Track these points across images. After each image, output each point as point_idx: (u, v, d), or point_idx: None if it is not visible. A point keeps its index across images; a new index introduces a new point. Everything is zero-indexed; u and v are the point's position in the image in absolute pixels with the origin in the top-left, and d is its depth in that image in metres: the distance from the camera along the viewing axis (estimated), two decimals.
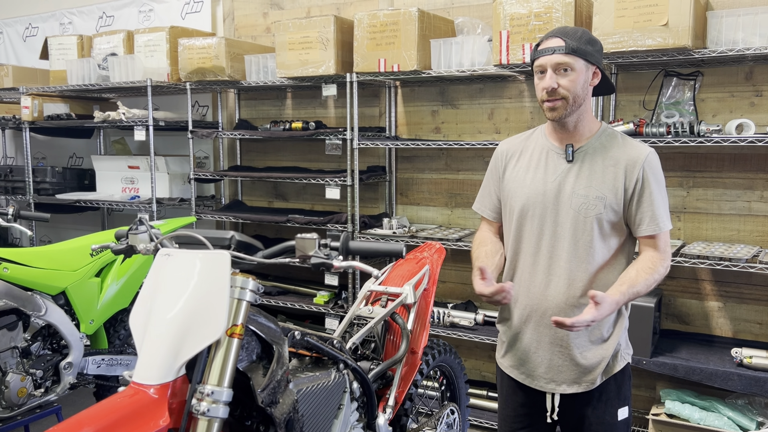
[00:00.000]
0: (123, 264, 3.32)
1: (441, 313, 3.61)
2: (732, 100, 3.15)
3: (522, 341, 2.07)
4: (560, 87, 1.89)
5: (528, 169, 2.04)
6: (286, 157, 4.49)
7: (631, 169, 1.91)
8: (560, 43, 1.88)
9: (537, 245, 2.00)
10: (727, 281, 3.20)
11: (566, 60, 1.87)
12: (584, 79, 1.91)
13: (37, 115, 4.79)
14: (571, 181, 1.95)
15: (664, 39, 2.77)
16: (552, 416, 2.05)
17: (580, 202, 1.93)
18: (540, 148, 2.04)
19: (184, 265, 1.64)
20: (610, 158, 1.94)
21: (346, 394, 2.07)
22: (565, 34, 1.90)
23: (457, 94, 3.84)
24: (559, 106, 1.91)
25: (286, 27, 3.77)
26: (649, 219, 1.91)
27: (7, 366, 2.87)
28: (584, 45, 1.89)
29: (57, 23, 5.56)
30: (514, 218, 2.04)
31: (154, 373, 1.53)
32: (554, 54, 1.88)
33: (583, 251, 1.94)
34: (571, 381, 2.00)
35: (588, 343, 1.98)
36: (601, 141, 1.98)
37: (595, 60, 1.92)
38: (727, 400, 3.02)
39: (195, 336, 1.56)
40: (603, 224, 1.92)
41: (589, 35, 1.93)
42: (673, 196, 3.26)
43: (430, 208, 4.00)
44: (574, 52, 1.87)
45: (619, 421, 2.00)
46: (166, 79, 4.29)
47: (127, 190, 4.70)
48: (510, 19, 3.10)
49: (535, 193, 1.99)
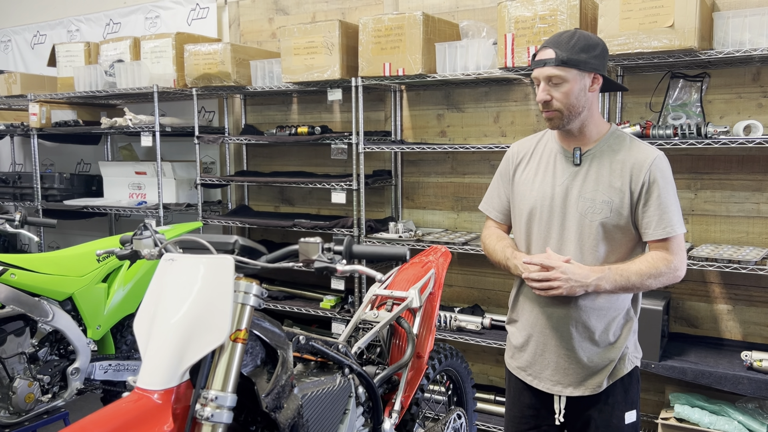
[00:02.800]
0: (130, 269, 3.33)
1: (448, 317, 3.60)
2: (739, 102, 3.12)
3: (529, 343, 2.06)
4: (554, 99, 1.89)
5: (537, 172, 2.03)
6: (292, 161, 4.49)
7: (638, 172, 1.89)
8: (551, 55, 1.87)
9: (544, 248, 1.99)
10: (736, 284, 3.17)
11: (556, 72, 1.86)
12: (579, 88, 1.88)
13: (45, 122, 4.82)
14: (578, 185, 1.94)
15: (670, 40, 2.75)
16: (559, 418, 2.04)
17: (587, 205, 1.92)
18: (549, 150, 2.04)
19: (187, 270, 1.64)
20: (617, 161, 1.93)
21: (352, 398, 2.06)
22: (558, 45, 1.87)
23: (462, 97, 3.83)
24: (554, 117, 1.92)
25: (291, 32, 3.78)
26: (656, 223, 1.88)
27: (15, 372, 2.88)
28: (577, 54, 1.86)
29: (64, 30, 5.60)
30: (523, 221, 2.04)
31: (158, 378, 1.53)
32: (545, 67, 1.88)
33: (589, 255, 1.92)
34: (578, 384, 1.99)
35: (594, 347, 1.97)
36: (609, 144, 1.96)
37: (592, 67, 1.88)
38: (738, 404, 2.99)
39: (199, 341, 1.55)
40: (609, 228, 1.91)
41: (585, 41, 1.88)
42: (681, 198, 3.23)
43: (436, 211, 3.99)
44: (564, 64, 1.85)
45: (627, 424, 1.99)
46: (173, 85, 4.31)
47: (135, 195, 4.71)
48: (515, 22, 3.09)
49: (542, 196, 1.99)
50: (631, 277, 1.86)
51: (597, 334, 1.96)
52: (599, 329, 1.96)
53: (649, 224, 1.89)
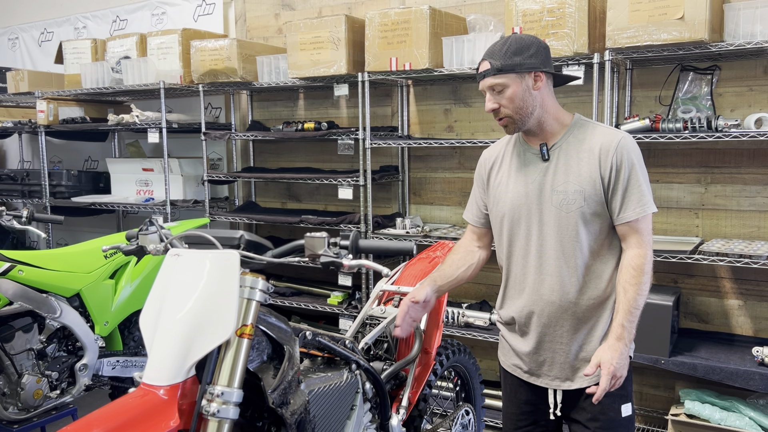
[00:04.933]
0: (137, 266, 3.33)
1: (455, 313, 3.58)
2: (751, 95, 3.09)
3: (522, 340, 2.07)
4: (501, 107, 1.94)
5: (510, 174, 2.06)
6: (298, 157, 4.48)
7: (605, 156, 1.90)
8: (487, 66, 1.93)
9: (526, 247, 2.01)
10: (747, 279, 3.14)
11: (495, 81, 1.92)
12: (523, 89, 1.92)
13: (53, 119, 4.83)
14: (549, 179, 1.96)
15: (680, 33, 2.72)
16: (555, 412, 2.04)
17: (561, 198, 1.94)
18: (518, 151, 2.06)
19: (193, 265, 1.63)
20: (584, 150, 1.94)
21: (359, 394, 2.05)
22: (491, 55, 1.93)
23: (469, 92, 3.81)
24: (508, 123, 1.98)
25: (297, 27, 3.76)
26: (626, 204, 1.89)
27: (23, 368, 2.89)
28: (510, 58, 1.90)
29: (71, 28, 5.61)
30: (504, 224, 2.06)
31: (164, 374, 1.53)
32: (485, 78, 1.94)
33: (570, 247, 1.93)
34: (574, 377, 2.00)
35: (589, 339, 1.98)
36: (574, 134, 1.98)
37: (529, 67, 1.91)
38: (749, 400, 2.96)
39: (205, 336, 1.55)
40: (587, 217, 1.92)
41: (516, 45, 1.92)
42: (691, 193, 3.20)
43: (443, 207, 3.97)
44: (500, 71, 1.91)
45: (623, 417, 1.98)
46: (179, 81, 4.30)
47: (142, 192, 4.72)
48: (522, 15, 3.07)
49: (518, 196, 2.01)
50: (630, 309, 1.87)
51: (590, 326, 1.97)
52: (592, 322, 1.97)
53: (619, 206, 1.90)
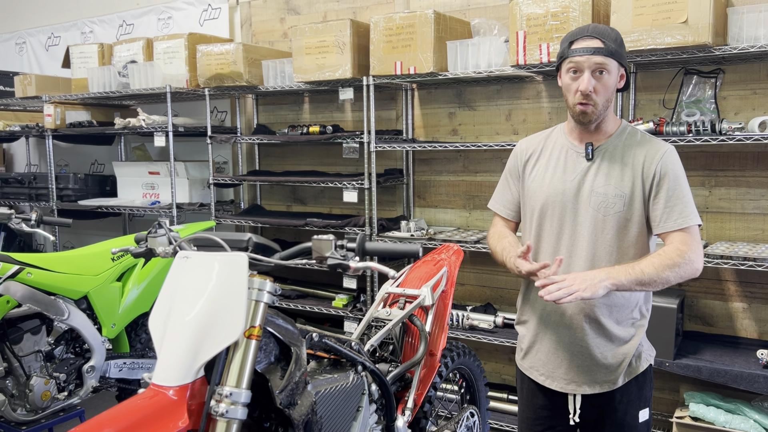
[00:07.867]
0: (144, 268, 3.35)
1: (460, 316, 3.60)
2: (754, 98, 3.09)
3: (542, 343, 2.05)
4: (594, 90, 1.86)
5: (547, 168, 2.02)
6: (304, 161, 4.50)
7: (649, 165, 1.89)
8: (599, 44, 1.84)
9: (556, 245, 1.98)
10: (752, 281, 3.14)
11: (605, 62, 1.84)
12: (614, 81, 1.89)
13: (60, 123, 4.87)
14: (590, 180, 1.93)
15: (684, 36, 2.73)
16: (574, 418, 2.02)
17: (600, 200, 1.91)
18: (560, 147, 2.03)
19: (202, 267, 1.65)
20: (629, 156, 1.92)
21: (365, 396, 2.06)
22: (602, 35, 1.85)
23: (474, 95, 3.82)
24: (590, 111, 1.88)
25: (302, 32, 3.79)
26: (668, 214, 1.86)
27: (31, 369, 2.91)
28: (619, 46, 1.87)
29: (78, 32, 5.65)
30: (535, 218, 2.03)
31: (174, 374, 1.54)
32: (594, 55, 1.83)
33: (603, 250, 1.91)
34: (593, 381, 1.98)
35: (608, 343, 1.96)
36: (621, 139, 1.96)
37: (625, 63, 1.91)
38: (753, 403, 2.96)
39: (213, 338, 1.56)
40: (623, 222, 1.90)
41: (620, 36, 1.91)
42: (696, 196, 3.20)
43: (448, 210, 3.98)
44: (611, 55, 1.84)
45: (640, 423, 1.98)
46: (185, 85, 4.33)
47: (148, 195, 4.75)
48: (527, 19, 3.08)
49: (554, 192, 1.98)
50: (645, 269, 1.80)
51: (610, 329, 1.95)
52: (612, 325, 1.95)
53: (661, 216, 1.87)
